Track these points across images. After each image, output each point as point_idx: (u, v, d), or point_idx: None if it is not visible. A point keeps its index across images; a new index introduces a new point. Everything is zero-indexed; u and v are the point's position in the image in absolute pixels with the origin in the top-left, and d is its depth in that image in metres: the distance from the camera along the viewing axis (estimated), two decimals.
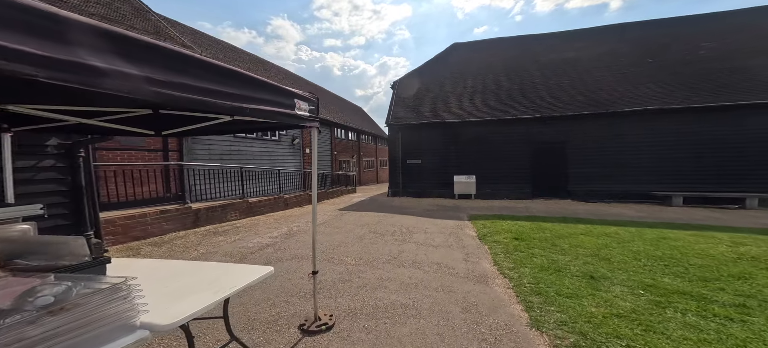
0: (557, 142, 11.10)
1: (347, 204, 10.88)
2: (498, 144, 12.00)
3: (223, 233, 5.65)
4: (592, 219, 7.28)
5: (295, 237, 5.60)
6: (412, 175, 13.22)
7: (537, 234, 5.70)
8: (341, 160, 19.98)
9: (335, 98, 24.29)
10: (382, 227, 6.61)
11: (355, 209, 9.53)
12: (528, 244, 5.01)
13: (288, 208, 9.06)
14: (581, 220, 7.08)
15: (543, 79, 12.96)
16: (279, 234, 5.78)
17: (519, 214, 8.48)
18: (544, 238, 5.39)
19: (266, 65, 16.00)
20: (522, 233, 5.78)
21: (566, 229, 6.07)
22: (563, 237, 5.39)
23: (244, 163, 10.50)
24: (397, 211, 9.19)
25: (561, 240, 5.19)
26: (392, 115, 13.59)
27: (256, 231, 6.00)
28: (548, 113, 11.03)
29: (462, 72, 15.13)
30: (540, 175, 11.45)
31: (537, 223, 6.74)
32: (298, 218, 7.72)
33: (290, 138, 13.39)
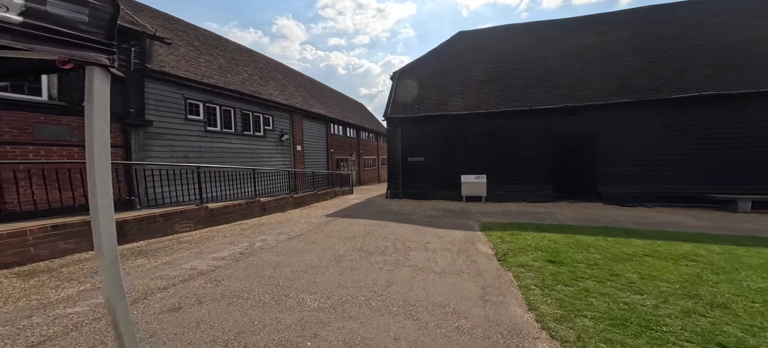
0: (584, 135, 9.50)
1: (338, 208, 9.44)
2: (512, 139, 10.43)
3: (152, 253, 4.24)
4: (646, 230, 5.70)
5: (251, 258, 4.17)
6: (413, 174, 11.72)
7: (580, 254, 4.17)
8: (339, 159, 18.58)
9: (334, 93, 22.92)
10: (372, 242, 5.14)
11: (345, 215, 8.08)
12: (573, 272, 3.50)
13: (265, 213, 7.65)
14: (631, 233, 5.50)
15: (564, 66, 11.35)
16: (231, 253, 4.35)
17: (543, 221, 6.94)
18: (592, 261, 3.86)
19: (255, 56, 14.68)
20: (558, 253, 4.26)
21: (618, 246, 4.52)
22: (621, 260, 3.85)
23: (220, 161, 9.15)
24: (394, 217, 7.71)
25: (620, 265, 3.66)
26: (391, 108, 12.10)
27: (203, 248, 4.58)
28: (574, 103, 9.42)
29: (469, 61, 13.59)
30: (563, 174, 9.85)
31: (573, 237, 5.19)
32: (272, 228, 6.30)
33: (278, 133, 12.01)
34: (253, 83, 11.18)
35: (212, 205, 6.06)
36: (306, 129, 14.08)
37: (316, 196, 10.70)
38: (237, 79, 10.26)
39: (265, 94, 11.08)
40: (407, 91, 12.87)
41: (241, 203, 6.85)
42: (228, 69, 10.49)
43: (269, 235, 5.52)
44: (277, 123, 11.95)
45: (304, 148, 13.72)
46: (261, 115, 10.99)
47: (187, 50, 9.25)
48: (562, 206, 9.05)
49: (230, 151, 9.57)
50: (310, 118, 14.50)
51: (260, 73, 12.91)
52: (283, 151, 12.35)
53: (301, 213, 8.35)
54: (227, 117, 9.46)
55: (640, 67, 9.95)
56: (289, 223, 6.87)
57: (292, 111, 12.73)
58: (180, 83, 7.77)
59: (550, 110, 9.72)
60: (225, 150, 9.42)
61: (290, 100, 12.95)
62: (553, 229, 6.08)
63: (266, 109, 11.23)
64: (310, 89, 17.83)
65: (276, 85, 13.16)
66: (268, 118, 11.41)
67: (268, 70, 14.29)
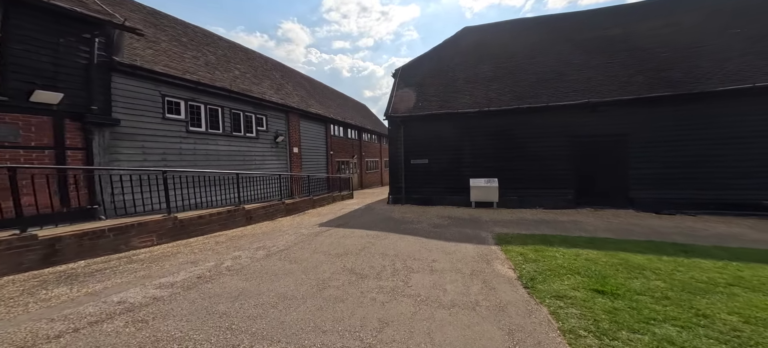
0: (612, 134, 8.45)
1: (335, 215, 8.55)
2: (527, 138, 9.44)
3: (83, 278, 3.38)
4: (705, 247, 4.65)
5: (209, 284, 3.29)
6: (417, 178, 10.79)
7: (635, 281, 3.19)
8: (340, 161, 17.75)
9: (334, 93, 22.18)
10: (367, 260, 4.23)
11: (340, 224, 7.18)
12: (636, 310, 2.53)
13: (250, 223, 6.79)
14: (689, 250, 4.46)
15: (584, 58, 10.36)
16: (186, 278, 3.48)
17: (569, 233, 5.93)
18: (658, 292, 2.88)
19: (250, 54, 14.00)
20: (604, 278, 3.29)
21: (683, 269, 3.51)
22: (699, 291, 2.86)
23: (206, 165, 8.35)
24: (395, 227, 6.78)
25: (701, 300, 2.67)
26: (393, 106, 11.23)
27: (154, 270, 3.72)
28: (598, 98, 8.40)
29: (476, 57, 12.68)
30: (586, 178, 8.80)
31: (615, 255, 4.20)
32: (252, 241, 5.43)
33: (272, 134, 11.21)
34: (245, 81, 10.44)
35: (183, 214, 5.21)
36: (303, 130, 13.29)
37: (312, 201, 9.83)
38: (227, 77, 9.51)
39: (258, 92, 10.31)
40: (410, 89, 12.01)
41: (221, 212, 6.00)
42: (217, 66, 9.76)
43: (245, 251, 4.63)
44: (272, 123, 11.18)
45: (301, 150, 12.92)
46: (253, 115, 10.21)
47: (171, 45, 8.54)
48: (587, 214, 8.00)
49: (217, 154, 8.77)
50: (308, 119, 13.72)
51: (254, 71, 12.19)
52: (278, 153, 11.54)
53: (293, 221, 7.48)
54: (214, 117, 8.68)
55: (672, 58, 8.90)
56: (275, 234, 5.99)
57: (288, 111, 11.95)
58: (157, 79, 7.02)
59: (570, 107, 8.72)
60: (211, 152, 8.62)
61: (286, 99, 12.18)
62: (585, 243, 5.08)
63: (259, 109, 10.46)
64: (309, 89, 17.11)
65: (271, 83, 12.42)
66: (262, 118, 10.63)
67: (265, 69, 13.59)
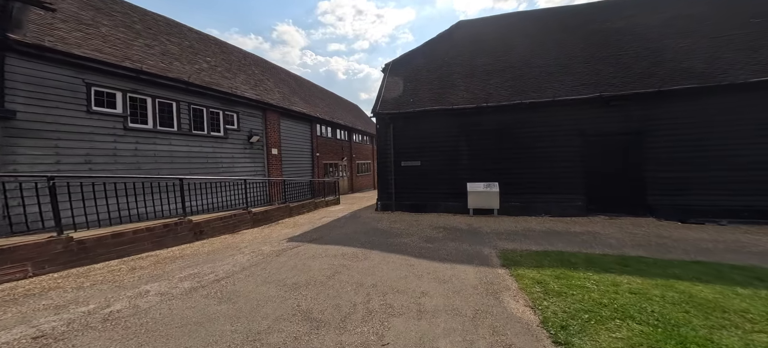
0: (628, 132, 7.45)
1: (313, 226, 7.38)
2: (530, 138, 8.41)
3: None
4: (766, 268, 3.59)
5: None
6: (408, 182, 9.68)
7: (725, 334, 2.09)
8: (327, 163, 16.57)
9: (323, 92, 21.02)
10: (332, 294, 3.08)
11: (314, 238, 6.01)
12: None
13: (199, 239, 5.57)
14: (765, 277, 3.39)
15: (590, 51, 9.42)
16: (16, 338, 2.29)
17: (591, 250, 4.86)
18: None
19: (226, 47, 12.78)
20: (673, 326, 2.20)
21: None
22: None
23: (150, 169, 7.04)
24: (380, 242, 5.64)
25: None
26: (381, 103, 10.14)
27: None
28: (613, 91, 7.40)
29: (472, 50, 11.69)
30: (599, 182, 7.78)
31: (671, 285, 3.12)
32: (186, 267, 4.24)
33: (245, 134, 9.99)
34: (213, 74, 9.23)
35: (83, 233, 3.99)
36: (284, 129, 12.10)
37: (289, 209, 8.64)
38: (189, 69, 8.28)
39: (227, 86, 9.07)
40: (401, 83, 10.93)
41: (153, 227, 4.78)
42: (179, 57, 8.52)
43: (164, 283, 3.44)
44: (245, 122, 9.96)
45: (281, 152, 11.72)
46: (221, 112, 8.98)
47: (115, 31, 7.26)
48: (602, 223, 6.96)
49: (170, 155, 7.48)
50: (290, 117, 12.54)
51: (228, 65, 10.98)
52: (252, 155, 10.32)
53: (258, 235, 6.28)
54: (167, 112, 7.42)
55: (692, 48, 7.98)
56: (225, 254, 4.80)
57: (266, 108, 10.77)
58: (80, 64, 5.74)
59: (579, 101, 7.72)
60: (162, 153, 7.32)
61: (263, 95, 10.99)
62: (617, 264, 4.00)
63: (228, 105, 9.23)
64: (294, 86, 15.94)
65: (247, 78, 11.23)
66: (232, 115, 9.42)
67: (243, 64, 12.39)
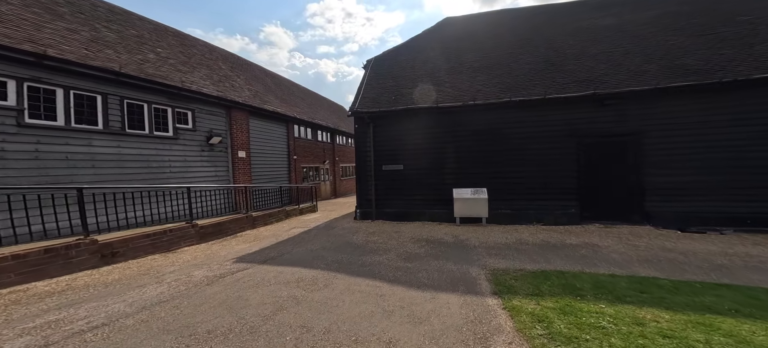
0: (623, 134, 6.88)
1: (276, 240, 6.38)
2: (521, 139, 7.75)
3: None
4: None
5: None
6: (390, 187, 8.83)
7: None
8: (307, 167, 15.50)
9: (304, 92, 19.94)
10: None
11: (270, 257, 5.03)
12: None
13: (108, 262, 4.46)
14: None
15: (580, 47, 8.92)
16: None
17: (595, 267, 4.13)
18: None
19: (188, 40, 11.55)
20: None
21: None
22: None
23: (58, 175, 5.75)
24: (350, 261, 4.74)
25: None
26: (360, 100, 9.27)
27: None
28: (607, 89, 6.82)
29: (459, 47, 11.05)
30: (593, 186, 7.18)
31: (710, 322, 2.36)
32: (53, 308, 3.20)
33: (203, 134, 8.82)
34: (162, 67, 8.06)
35: None
36: (255, 130, 11.01)
37: (252, 220, 7.58)
38: (125, 58, 7.08)
39: (177, 80, 7.90)
40: (382, 80, 10.12)
41: (27, 253, 3.66)
42: (115, 45, 7.30)
43: None
44: (203, 120, 8.80)
45: (250, 154, 10.60)
46: (170, 109, 7.80)
47: (22, 10, 5.94)
48: (598, 232, 6.32)
49: (92, 159, 6.16)
50: (262, 117, 11.45)
51: (187, 58, 9.80)
52: (212, 158, 9.16)
53: (199, 254, 5.23)
54: (88, 107, 6.16)
55: (684, 46, 7.56)
56: (138, 283, 3.76)
57: (231, 106, 9.65)
58: None
59: (573, 100, 7.11)
60: (76, 156, 5.94)
61: (229, 92, 9.87)
62: (632, 290, 3.27)
63: (179, 101, 8.03)
64: (271, 85, 14.83)
65: (209, 73, 10.08)
66: (185, 113, 8.26)
67: (206, 58, 11.22)
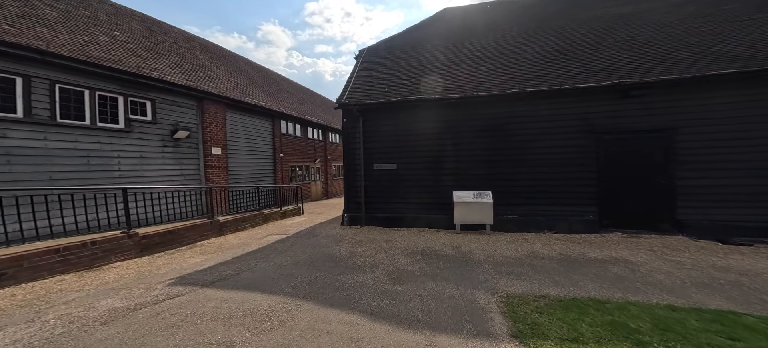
0: (651, 130, 5.94)
1: (241, 251, 5.30)
2: (530, 135, 6.80)
3: None
4: None
5: None
6: (382, 189, 7.81)
7: None
8: (295, 166, 14.43)
9: (295, 87, 18.89)
10: None
11: (223, 277, 3.97)
12: None
13: None
14: None
15: (596, 36, 8.03)
16: None
17: (644, 295, 3.13)
18: None
19: (159, 26, 10.45)
20: None
21: None
22: None
23: None
24: (325, 281, 3.70)
25: None
26: (349, 92, 8.26)
27: None
28: (634, 78, 5.88)
29: (460, 37, 10.14)
30: (614, 191, 6.22)
31: None
32: None
33: (167, 128, 7.68)
34: (115, 50, 6.94)
35: None
36: (233, 125, 9.93)
37: (218, 226, 6.49)
38: (65, 38, 5.97)
39: (133, 65, 6.77)
40: (375, 71, 9.15)
41: None
42: (54, 24, 6.17)
43: None
44: (166, 112, 7.68)
45: (227, 151, 9.52)
46: (121, 97, 6.67)
47: None
48: (624, 243, 5.34)
49: (5, 153, 5.11)
50: (242, 111, 10.38)
51: (153, 44, 8.68)
52: (179, 154, 8.04)
53: (134, 271, 4.15)
54: (1, 90, 5.08)
55: (718, 32, 6.68)
56: (10, 317, 2.67)
57: (203, 98, 8.57)
58: None
59: (592, 90, 6.16)
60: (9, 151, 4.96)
61: (201, 82, 8.79)
62: (709, 328, 2.29)
63: (135, 89, 6.83)
64: (256, 78, 13.78)
65: (179, 61, 8.99)
66: (143, 103, 7.13)
67: (179, 46, 10.14)
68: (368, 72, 9.16)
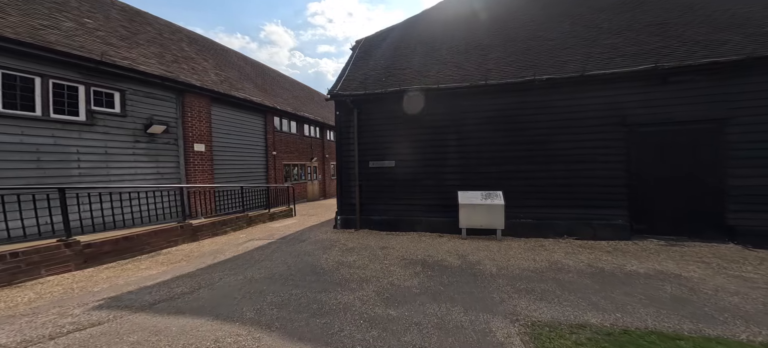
0: (696, 120, 5.08)
1: (211, 260, 4.53)
2: (546, 128, 5.97)
3: None
4: None
5: None
6: (378, 189, 7.02)
7: None
8: (290, 164, 13.69)
9: (292, 84, 18.21)
10: None
11: (173, 295, 3.19)
12: None
13: None
14: None
15: (619, 21, 7.18)
16: None
17: (718, 324, 2.27)
18: None
19: (139, 16, 9.80)
20: None
21: None
22: None
23: None
24: (299, 304, 2.89)
25: None
26: (343, 82, 7.51)
27: None
28: (672, 61, 5.04)
29: (465, 26, 9.34)
30: (649, 191, 5.35)
31: None
32: None
33: (140, 121, 6.91)
34: (82, 37, 6.25)
35: None
36: (219, 120, 9.22)
37: (191, 231, 5.72)
38: (16, 20, 5.27)
39: (97, 52, 6.01)
40: (372, 61, 8.40)
41: None
42: (8, 6, 5.51)
43: None
44: (138, 104, 6.94)
45: (212, 148, 8.79)
46: (81, 86, 5.92)
47: None
48: (663, 253, 4.48)
49: None
50: (230, 105, 9.67)
51: (132, 34, 7.99)
52: (154, 151, 7.30)
53: (63, 287, 3.39)
54: None
55: None
56: None
57: (185, 90, 7.86)
58: None
59: (622, 77, 5.32)
60: None
61: (181, 74, 8.08)
62: None
63: (98, 78, 6.07)
64: (249, 72, 13.10)
65: (160, 52, 8.30)
66: (110, 94, 6.39)
67: (166, 38, 9.49)
68: (365, 62, 8.41)
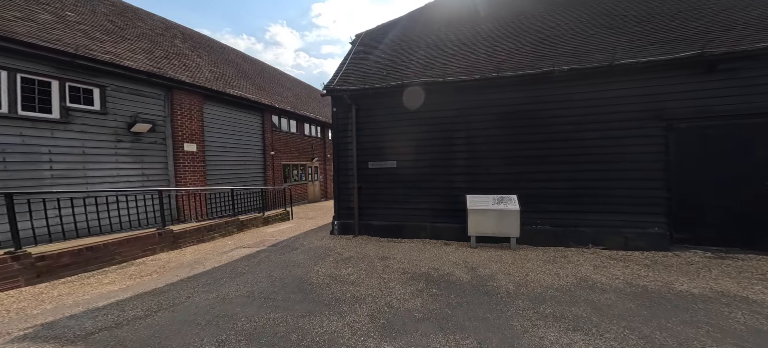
0: (749, 114, 4.35)
1: (191, 271, 4.01)
2: (567, 124, 5.31)
3: None
4: None
5: None
6: (378, 192, 6.43)
7: None
8: (289, 165, 13.21)
9: (294, 82, 17.78)
10: None
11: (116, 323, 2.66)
12: None
13: None
14: None
15: (649, 8, 6.44)
16: None
17: None
18: None
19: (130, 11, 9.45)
20: None
21: None
22: None
23: None
24: (276, 333, 2.30)
25: None
26: (341, 77, 6.95)
27: None
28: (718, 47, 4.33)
29: (472, 18, 8.72)
30: (690, 196, 4.64)
31: None
32: None
33: (124, 120, 6.43)
34: (59, 30, 5.82)
35: None
36: (213, 118, 8.76)
37: (171, 237, 5.21)
38: None
39: (73, 45, 5.53)
40: (372, 55, 7.83)
41: None
42: None
43: None
44: (121, 101, 6.45)
45: (205, 148, 8.32)
46: (55, 81, 5.43)
47: None
48: (714, 267, 3.77)
49: None
50: (224, 103, 9.21)
51: (119, 29, 7.57)
52: (139, 151, 6.82)
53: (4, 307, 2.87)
54: None
55: None
56: None
57: (174, 87, 7.40)
58: None
59: (659, 66, 4.62)
60: None
61: (170, 70, 7.63)
62: None
63: (74, 73, 5.61)
64: (247, 70, 12.69)
65: (149, 47, 7.87)
66: (89, 90, 5.89)
67: (158, 34, 9.08)
68: (364, 56, 7.85)
